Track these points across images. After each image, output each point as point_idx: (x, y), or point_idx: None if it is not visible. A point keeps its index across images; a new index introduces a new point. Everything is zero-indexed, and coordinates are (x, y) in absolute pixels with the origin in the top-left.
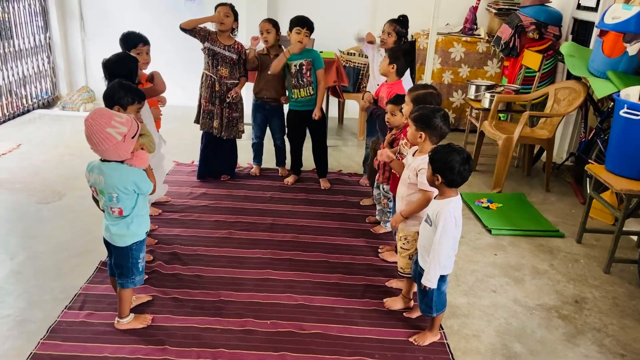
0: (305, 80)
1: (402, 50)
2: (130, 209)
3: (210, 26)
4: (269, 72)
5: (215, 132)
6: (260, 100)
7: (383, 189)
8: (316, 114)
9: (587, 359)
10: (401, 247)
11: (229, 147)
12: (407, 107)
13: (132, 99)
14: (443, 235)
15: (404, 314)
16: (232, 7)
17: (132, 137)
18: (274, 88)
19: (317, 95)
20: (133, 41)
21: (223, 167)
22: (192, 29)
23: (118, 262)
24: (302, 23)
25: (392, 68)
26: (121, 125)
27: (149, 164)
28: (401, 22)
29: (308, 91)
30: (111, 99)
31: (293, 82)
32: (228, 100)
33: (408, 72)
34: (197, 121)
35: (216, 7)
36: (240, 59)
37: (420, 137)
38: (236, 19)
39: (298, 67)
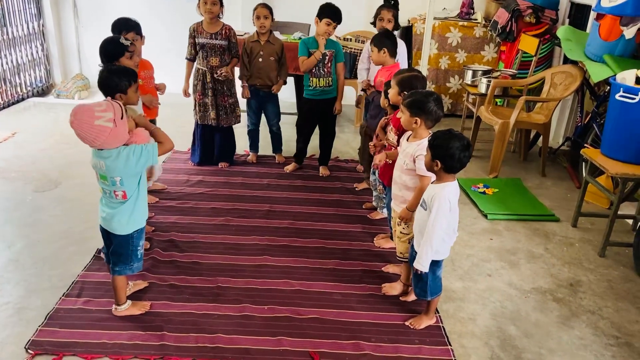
0: (325, 70)
1: (381, 35)
2: (133, 191)
3: (197, 16)
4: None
5: (214, 122)
6: (253, 87)
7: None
8: (337, 108)
9: (582, 341)
10: (400, 232)
11: (227, 134)
12: (392, 90)
13: (128, 81)
14: (436, 219)
15: (400, 297)
16: None
17: (122, 118)
18: (266, 75)
19: (338, 89)
20: (118, 28)
21: (222, 155)
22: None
23: (117, 250)
24: (336, 17)
25: (384, 52)
26: (105, 112)
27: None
28: (394, 6)
29: (327, 81)
30: (108, 87)
31: (313, 70)
32: (216, 76)
33: (406, 57)
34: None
35: None
36: (230, 44)
37: (415, 122)
38: (222, 4)
39: (321, 57)
